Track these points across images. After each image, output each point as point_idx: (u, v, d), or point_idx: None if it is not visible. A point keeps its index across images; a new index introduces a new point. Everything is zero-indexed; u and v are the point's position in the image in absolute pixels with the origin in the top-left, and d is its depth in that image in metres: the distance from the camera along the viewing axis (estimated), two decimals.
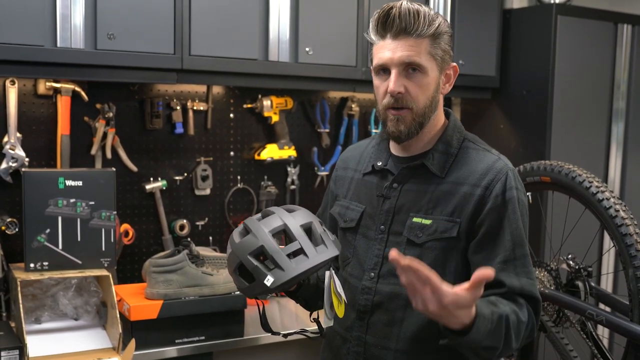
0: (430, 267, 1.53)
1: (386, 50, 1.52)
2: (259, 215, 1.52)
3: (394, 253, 1.30)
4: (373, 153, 1.71)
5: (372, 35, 1.56)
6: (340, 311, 1.55)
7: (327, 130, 2.94)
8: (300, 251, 1.43)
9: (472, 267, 1.54)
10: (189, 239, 2.39)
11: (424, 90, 1.54)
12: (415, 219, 1.58)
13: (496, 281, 1.49)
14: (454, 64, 1.61)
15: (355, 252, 1.66)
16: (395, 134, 1.57)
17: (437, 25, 1.53)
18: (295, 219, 1.48)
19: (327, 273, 1.55)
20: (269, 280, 1.41)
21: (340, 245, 1.54)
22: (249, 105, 2.79)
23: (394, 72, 1.52)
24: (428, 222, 1.56)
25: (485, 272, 1.28)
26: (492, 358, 1.49)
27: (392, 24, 1.51)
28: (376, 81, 1.59)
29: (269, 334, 1.67)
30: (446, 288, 1.30)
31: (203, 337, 2.22)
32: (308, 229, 1.47)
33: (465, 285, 1.30)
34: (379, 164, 1.66)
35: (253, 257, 1.43)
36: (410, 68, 1.52)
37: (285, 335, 1.67)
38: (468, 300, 1.31)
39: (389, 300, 1.59)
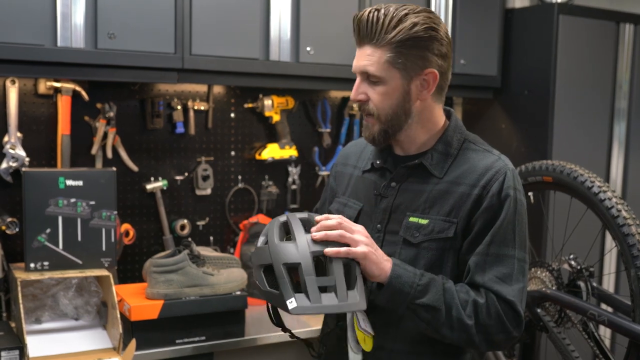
0: (428, 266, 1.54)
1: (355, 56, 1.57)
2: (304, 217, 1.48)
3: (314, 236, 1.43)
4: (373, 151, 1.70)
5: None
6: (367, 345, 1.53)
7: (328, 130, 2.93)
8: (332, 288, 1.38)
9: (464, 266, 1.54)
10: (189, 239, 2.39)
11: (385, 98, 1.53)
12: (412, 219, 1.57)
13: (470, 276, 1.52)
14: (432, 69, 1.52)
15: None
16: (367, 139, 1.61)
17: (399, 31, 1.48)
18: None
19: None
20: (292, 303, 1.36)
21: (368, 295, 1.50)
22: (250, 105, 2.78)
23: (357, 80, 1.57)
24: (425, 222, 1.55)
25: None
26: (439, 329, 1.47)
27: (357, 31, 1.56)
28: None
29: (269, 334, 1.66)
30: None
31: (204, 337, 2.22)
32: (347, 266, 1.43)
33: None
34: (379, 162, 1.66)
35: (286, 269, 1.39)
36: (369, 78, 1.54)
37: (292, 336, 1.65)
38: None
39: None
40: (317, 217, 1.48)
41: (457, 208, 1.53)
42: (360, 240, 1.44)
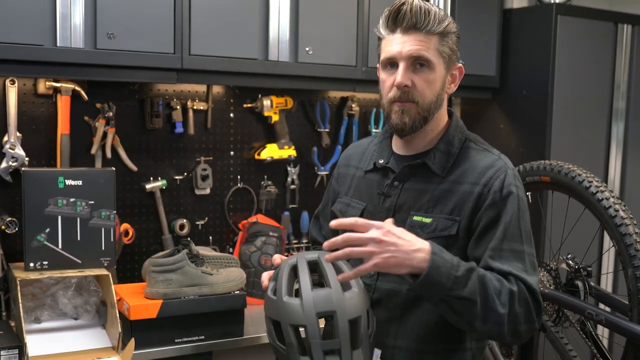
0: None
1: (395, 44, 1.54)
2: (313, 259, 1.48)
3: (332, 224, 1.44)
4: (375, 151, 1.71)
5: (382, 30, 1.58)
6: None
7: (327, 130, 2.94)
8: (337, 352, 1.40)
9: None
10: (188, 239, 2.40)
11: (431, 85, 1.55)
12: (415, 218, 1.58)
13: (485, 268, 1.49)
14: (460, 64, 1.63)
15: None
16: (399, 126, 1.57)
17: (446, 24, 1.56)
18: (346, 306, 1.41)
19: (376, 351, 1.55)
20: None
21: (375, 339, 1.51)
22: (249, 105, 2.79)
23: (402, 65, 1.54)
24: (428, 220, 1.57)
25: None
26: (472, 321, 1.43)
27: (402, 19, 1.53)
28: (383, 75, 1.60)
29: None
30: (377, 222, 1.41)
31: (203, 337, 2.22)
32: (354, 322, 1.42)
33: None
34: (381, 161, 1.67)
35: (292, 329, 1.41)
36: (417, 63, 1.54)
37: None
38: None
39: (388, 297, 1.59)
40: (325, 244, 1.44)
41: (460, 206, 1.55)
42: (371, 251, 1.38)
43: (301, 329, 1.42)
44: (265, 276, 1.58)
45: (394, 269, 1.40)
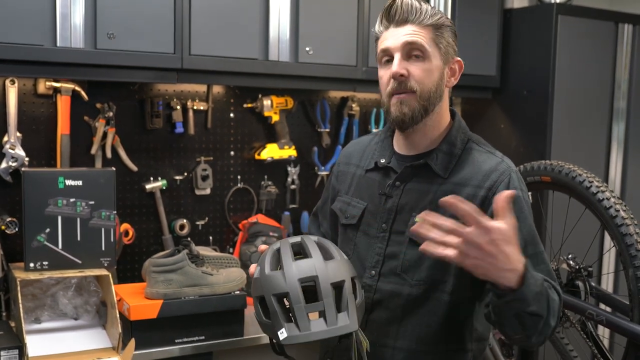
0: (432, 267, 1.54)
1: (389, 37, 1.56)
2: (297, 241, 1.48)
3: (448, 199, 1.29)
4: (376, 150, 1.71)
5: (377, 29, 1.60)
6: None
7: (328, 129, 2.94)
8: (321, 314, 1.39)
9: None
10: (189, 239, 2.40)
11: (427, 74, 1.55)
12: (417, 219, 1.57)
13: None
14: (459, 58, 1.63)
15: (356, 249, 1.66)
16: (399, 117, 1.56)
17: (438, 17, 1.57)
18: (328, 271, 1.42)
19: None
20: (282, 333, 1.39)
21: (363, 309, 1.49)
22: (249, 105, 2.79)
23: (397, 56, 1.54)
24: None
25: (506, 194, 1.28)
26: (531, 336, 1.41)
27: (395, 14, 1.55)
28: (380, 72, 1.60)
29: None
30: (490, 222, 1.26)
31: (203, 337, 2.22)
32: (338, 288, 1.42)
33: (496, 218, 1.28)
34: (382, 161, 1.66)
35: (276, 299, 1.41)
36: (412, 53, 1.54)
37: None
38: (509, 230, 1.27)
39: (389, 298, 1.59)
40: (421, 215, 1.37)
41: None
42: (465, 252, 1.29)
43: (285, 301, 1.42)
44: (252, 266, 1.58)
45: (477, 274, 1.33)
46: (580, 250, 2.31)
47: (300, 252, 1.48)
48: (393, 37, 1.55)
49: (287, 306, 1.42)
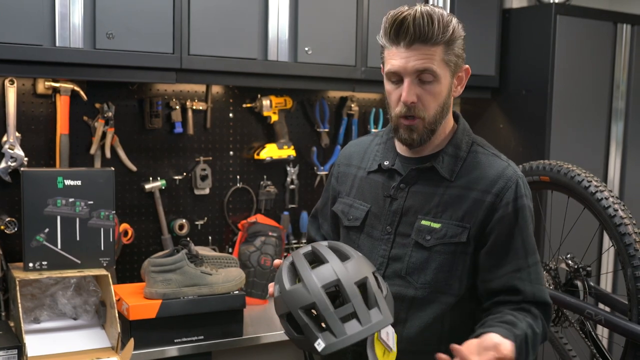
0: (438, 270, 1.54)
1: (399, 58, 1.50)
2: (308, 250, 1.46)
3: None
4: (379, 151, 1.69)
5: (384, 40, 1.53)
6: None
7: (327, 129, 2.94)
8: (353, 315, 1.35)
9: (482, 273, 1.56)
10: (188, 239, 2.40)
11: (436, 97, 1.53)
12: (424, 222, 1.57)
13: (511, 287, 1.52)
14: (467, 66, 1.61)
15: (359, 251, 1.66)
16: (407, 141, 1.57)
17: (451, 31, 1.51)
18: (349, 271, 1.39)
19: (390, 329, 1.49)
20: (319, 345, 1.34)
21: (392, 300, 1.46)
22: (249, 105, 2.79)
23: (406, 81, 1.50)
24: (437, 225, 1.56)
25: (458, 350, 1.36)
26: None
27: (405, 33, 1.48)
28: (388, 86, 1.57)
29: (267, 333, 1.65)
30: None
31: (202, 337, 2.22)
32: (363, 285, 1.39)
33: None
34: (386, 163, 1.65)
35: (304, 311, 1.37)
36: (423, 78, 1.50)
37: None
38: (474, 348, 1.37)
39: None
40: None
41: (470, 214, 1.54)
42: None
43: (313, 311, 1.38)
44: (270, 286, 1.56)
45: None
46: (579, 250, 2.31)
47: (314, 260, 1.45)
48: (403, 60, 1.49)
49: (316, 315, 1.38)
